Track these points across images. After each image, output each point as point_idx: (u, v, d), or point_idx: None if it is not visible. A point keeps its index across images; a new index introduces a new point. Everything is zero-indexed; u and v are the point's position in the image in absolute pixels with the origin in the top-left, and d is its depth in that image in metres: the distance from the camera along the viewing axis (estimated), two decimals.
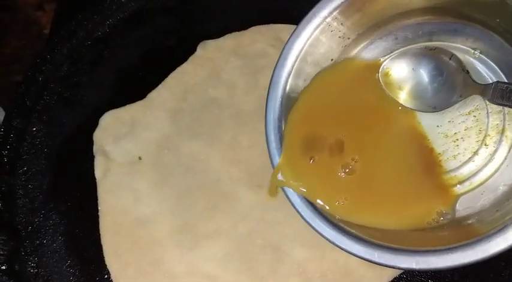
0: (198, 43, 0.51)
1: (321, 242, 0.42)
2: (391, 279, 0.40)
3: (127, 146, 0.46)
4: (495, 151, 0.38)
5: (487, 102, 0.38)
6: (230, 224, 0.43)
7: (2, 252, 0.40)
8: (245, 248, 0.42)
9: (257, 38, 0.52)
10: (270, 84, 0.40)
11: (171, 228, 0.43)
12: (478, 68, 0.39)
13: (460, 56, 0.39)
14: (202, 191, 0.44)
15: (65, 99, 0.48)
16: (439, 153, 0.39)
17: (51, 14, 0.66)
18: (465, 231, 0.36)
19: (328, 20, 0.40)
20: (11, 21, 0.65)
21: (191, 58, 0.50)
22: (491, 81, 0.38)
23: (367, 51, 0.42)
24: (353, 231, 0.36)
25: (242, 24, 0.52)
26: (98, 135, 0.46)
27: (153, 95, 0.48)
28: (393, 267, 0.34)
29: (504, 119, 0.38)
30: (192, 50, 0.51)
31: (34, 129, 0.46)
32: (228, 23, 0.52)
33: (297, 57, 0.41)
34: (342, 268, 0.41)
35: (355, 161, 0.39)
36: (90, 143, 0.46)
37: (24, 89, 0.47)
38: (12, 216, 0.42)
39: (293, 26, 0.52)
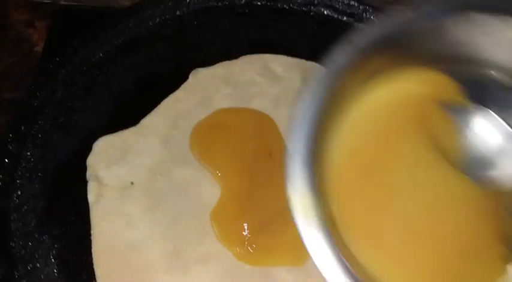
0: (191, 71, 0.53)
1: (307, 266, 0.44)
2: None
3: (119, 171, 0.47)
4: None
5: None
6: (219, 249, 0.44)
7: None
8: (234, 273, 0.43)
9: (247, 67, 0.54)
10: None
11: (162, 253, 0.44)
12: None
13: None
14: (193, 216, 0.45)
15: (59, 124, 0.49)
16: None
17: (43, 31, 0.67)
18: None
19: None
20: (2, 38, 0.66)
21: (183, 85, 0.52)
22: None
23: None
24: None
25: (233, 53, 0.54)
26: (91, 161, 0.47)
27: (146, 121, 0.50)
28: None
29: None
30: (185, 78, 0.52)
31: (28, 153, 0.47)
32: (220, 52, 0.54)
33: None
34: None
35: None
36: (84, 167, 0.47)
37: (19, 114, 0.48)
38: (6, 240, 0.43)
39: (282, 56, 0.55)
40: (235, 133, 0.48)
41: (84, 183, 0.46)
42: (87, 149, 0.48)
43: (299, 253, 0.44)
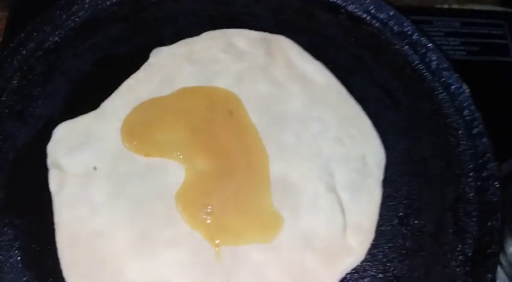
0: (151, 51, 0.51)
1: (277, 243, 0.43)
2: (343, 275, 0.42)
3: (81, 157, 0.46)
4: None
5: None
6: (187, 231, 0.43)
7: None
8: (204, 254, 0.43)
9: (209, 44, 0.52)
10: None
11: (129, 238, 0.43)
12: None
13: None
14: (159, 200, 0.44)
15: (17, 112, 0.47)
16: None
17: (4, 21, 0.65)
18: None
19: None
20: None
21: (144, 66, 0.51)
22: None
23: None
24: None
25: (195, 30, 0.52)
26: (51, 148, 0.46)
27: (106, 104, 0.48)
28: None
29: None
30: (145, 58, 0.51)
31: None
32: (181, 30, 0.52)
33: None
34: (298, 268, 0.43)
35: None
36: (44, 155, 0.45)
37: None
38: None
39: (244, 31, 0.53)
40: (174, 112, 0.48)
41: (45, 172, 0.45)
42: (47, 136, 0.46)
43: (268, 229, 0.44)
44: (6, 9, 0.65)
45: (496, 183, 0.43)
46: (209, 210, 0.43)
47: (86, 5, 0.52)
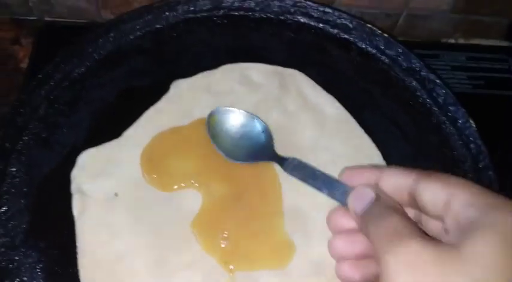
0: (171, 82, 0.54)
1: (289, 269, 0.45)
2: None
3: (103, 183, 0.48)
4: None
5: None
6: (203, 256, 0.45)
7: None
8: (218, 278, 0.44)
9: (226, 76, 0.55)
10: None
11: (148, 262, 0.45)
12: None
13: None
14: (177, 225, 0.46)
15: (43, 139, 0.50)
16: None
17: (28, 48, 0.68)
18: None
19: None
20: None
21: (164, 97, 0.53)
22: None
23: None
24: None
25: (213, 63, 0.55)
26: (75, 174, 0.48)
27: (128, 133, 0.51)
28: None
29: None
30: (166, 89, 0.53)
31: (13, 169, 0.48)
32: (200, 63, 0.55)
33: None
34: None
35: None
36: (68, 181, 0.48)
37: (3, 131, 0.49)
38: None
39: (259, 64, 0.56)
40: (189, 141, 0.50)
41: (68, 197, 0.47)
42: (71, 163, 0.49)
43: (282, 255, 0.45)
44: (30, 36, 0.68)
45: None
46: (225, 235, 0.45)
47: (111, 39, 0.55)
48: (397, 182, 0.33)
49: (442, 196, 0.30)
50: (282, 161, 0.45)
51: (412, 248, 0.28)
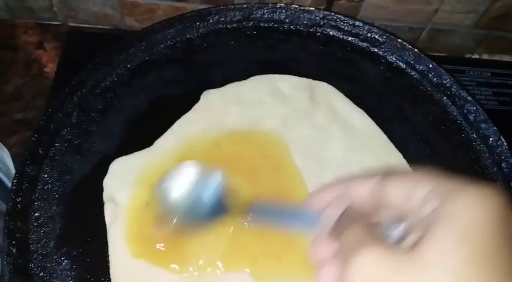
0: (201, 92, 0.54)
1: None
2: None
3: (135, 192, 0.48)
4: None
5: None
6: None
7: None
8: None
9: (256, 88, 0.55)
10: None
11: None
12: None
13: None
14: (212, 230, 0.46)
15: (75, 146, 0.50)
16: None
17: (52, 52, 0.69)
18: None
19: None
20: (12, 59, 0.68)
21: (195, 106, 0.53)
22: None
23: None
24: None
25: (242, 74, 0.55)
26: (108, 182, 0.48)
27: (160, 142, 0.51)
28: None
29: None
30: (196, 99, 0.54)
31: (46, 176, 0.48)
32: (229, 73, 0.55)
33: None
34: None
35: None
36: (100, 189, 0.48)
37: (37, 137, 0.49)
38: (25, 261, 0.44)
39: (289, 76, 0.56)
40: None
41: (100, 204, 0.47)
42: (103, 171, 0.49)
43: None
44: (54, 41, 0.69)
45: None
46: None
47: (142, 47, 0.56)
48: (363, 189, 0.33)
49: (405, 190, 0.30)
50: (242, 211, 0.42)
51: (371, 257, 0.27)
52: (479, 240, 0.25)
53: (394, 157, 0.51)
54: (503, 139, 0.50)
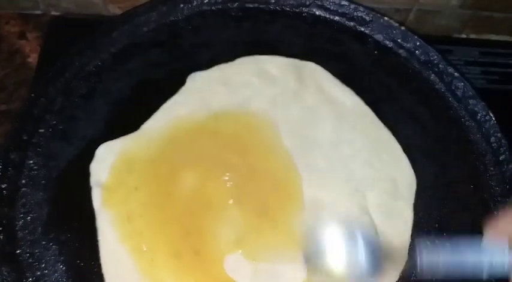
0: (187, 75, 0.53)
1: None
2: None
3: (122, 177, 0.47)
4: None
5: None
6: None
7: None
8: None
9: (243, 69, 0.55)
10: None
11: (168, 254, 0.44)
12: None
13: None
14: (198, 215, 0.46)
15: (60, 132, 0.49)
16: None
17: (34, 42, 0.67)
18: None
19: None
20: None
21: (181, 89, 0.53)
22: None
23: None
24: None
25: (229, 56, 0.55)
26: (94, 167, 0.48)
27: (146, 126, 0.50)
28: None
29: None
30: (182, 82, 0.53)
31: (31, 162, 0.47)
32: (216, 55, 0.55)
33: None
34: None
35: None
36: (87, 174, 0.47)
37: (20, 123, 0.48)
38: (14, 248, 0.43)
39: (276, 57, 0.56)
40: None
41: (88, 189, 0.46)
42: (89, 156, 0.48)
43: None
44: (36, 31, 0.68)
45: None
46: None
47: (125, 31, 0.55)
48: None
49: None
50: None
51: None
52: None
53: (383, 135, 0.51)
54: (491, 114, 0.50)
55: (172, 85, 0.53)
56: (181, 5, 0.57)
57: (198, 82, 0.53)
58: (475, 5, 0.71)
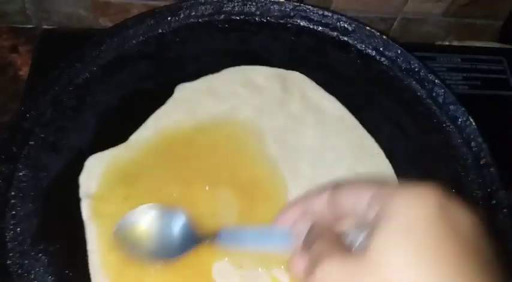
0: (175, 86, 0.54)
1: None
2: None
3: (112, 187, 0.48)
4: None
5: None
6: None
7: None
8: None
9: (229, 80, 0.56)
10: None
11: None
12: None
13: None
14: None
15: (49, 144, 0.50)
16: None
17: (26, 55, 0.68)
18: None
19: None
20: None
21: (169, 100, 0.54)
22: None
23: None
24: None
25: (215, 67, 0.56)
26: (84, 178, 0.48)
27: (135, 137, 0.51)
28: None
29: None
30: (170, 93, 0.54)
31: (20, 174, 0.48)
32: (203, 67, 0.56)
33: None
34: None
35: None
36: (76, 186, 0.48)
37: (10, 135, 0.49)
38: (3, 259, 0.44)
39: (262, 67, 0.57)
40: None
41: (77, 201, 0.47)
42: (79, 167, 0.49)
43: None
44: (28, 44, 0.69)
45: (505, 210, 0.46)
46: None
47: (114, 44, 0.56)
48: (320, 203, 0.35)
49: (352, 199, 0.32)
50: (212, 239, 0.41)
51: (331, 266, 0.29)
52: (422, 234, 0.27)
53: (367, 142, 0.52)
54: (471, 119, 0.51)
55: (160, 96, 0.53)
56: (169, 18, 0.58)
57: (185, 93, 0.54)
58: (457, 13, 0.73)
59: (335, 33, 0.58)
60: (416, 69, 0.55)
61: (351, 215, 0.33)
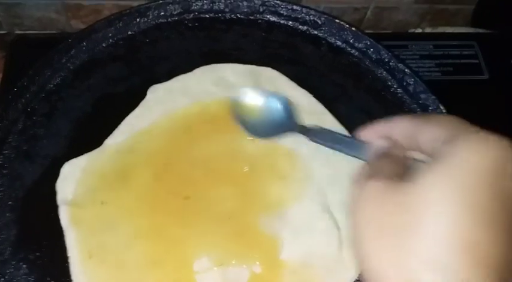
0: (148, 88, 0.54)
1: (278, 264, 0.46)
2: None
3: (89, 193, 0.48)
4: None
5: None
6: None
7: None
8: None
9: (202, 79, 0.56)
10: None
11: (143, 266, 0.45)
12: None
13: None
14: (166, 227, 0.47)
15: (24, 152, 0.50)
16: None
17: (0, 62, 0.68)
18: None
19: None
20: None
21: (142, 102, 0.54)
22: None
23: None
24: None
25: (187, 66, 0.56)
26: (60, 185, 0.48)
27: (110, 141, 0.51)
28: None
29: None
30: (143, 95, 0.54)
31: None
32: (174, 67, 0.56)
33: None
34: None
35: None
36: (53, 193, 0.48)
37: None
38: None
39: (233, 64, 0.57)
40: None
41: (55, 207, 0.47)
42: (55, 174, 0.49)
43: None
44: (0, 50, 0.68)
45: None
46: None
47: (84, 48, 0.56)
48: (399, 132, 0.36)
49: (430, 134, 0.32)
50: (305, 130, 0.46)
51: (379, 184, 0.30)
52: (471, 185, 0.26)
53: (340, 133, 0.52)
54: (441, 107, 0.51)
55: (133, 99, 0.54)
56: (138, 19, 0.58)
57: (158, 94, 0.54)
58: None
59: (305, 27, 0.58)
60: (386, 60, 0.56)
61: (424, 149, 0.33)
